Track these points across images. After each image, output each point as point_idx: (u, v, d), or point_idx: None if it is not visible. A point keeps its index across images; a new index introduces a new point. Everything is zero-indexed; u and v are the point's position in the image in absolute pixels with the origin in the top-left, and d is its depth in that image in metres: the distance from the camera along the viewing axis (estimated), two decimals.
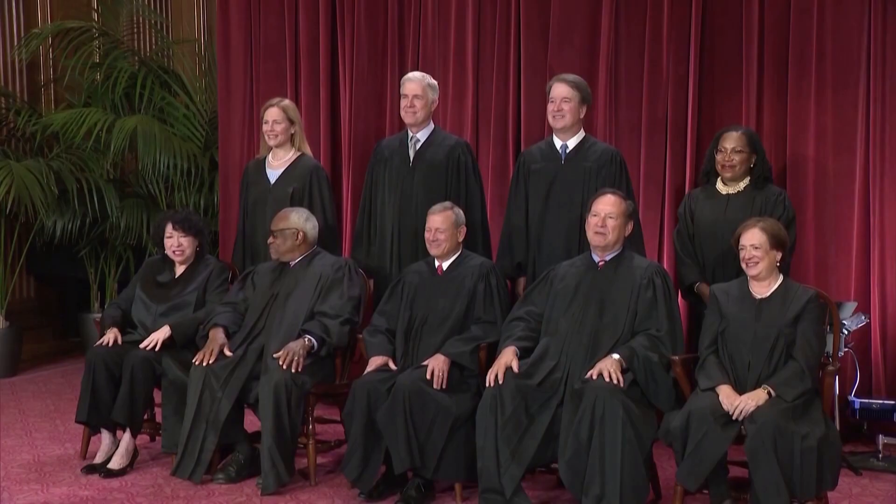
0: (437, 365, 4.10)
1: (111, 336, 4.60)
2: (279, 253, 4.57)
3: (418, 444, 3.99)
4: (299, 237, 4.57)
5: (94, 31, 7.17)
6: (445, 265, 4.42)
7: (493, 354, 4.13)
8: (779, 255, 3.91)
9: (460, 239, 4.43)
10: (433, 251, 4.39)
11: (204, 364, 4.32)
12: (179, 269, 4.80)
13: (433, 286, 4.39)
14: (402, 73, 5.31)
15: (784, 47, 5.01)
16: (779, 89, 5.04)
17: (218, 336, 4.42)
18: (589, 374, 3.85)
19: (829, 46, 4.91)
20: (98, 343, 4.62)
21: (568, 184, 4.56)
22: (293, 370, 4.19)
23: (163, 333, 4.53)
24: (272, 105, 4.99)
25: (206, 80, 7.13)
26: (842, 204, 4.92)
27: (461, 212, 4.45)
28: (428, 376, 4.07)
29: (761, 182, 4.52)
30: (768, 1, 5.03)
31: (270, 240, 4.57)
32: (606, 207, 4.09)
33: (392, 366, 4.27)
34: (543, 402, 3.92)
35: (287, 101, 5.06)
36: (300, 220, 4.59)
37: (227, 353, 4.37)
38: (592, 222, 4.11)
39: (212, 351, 4.35)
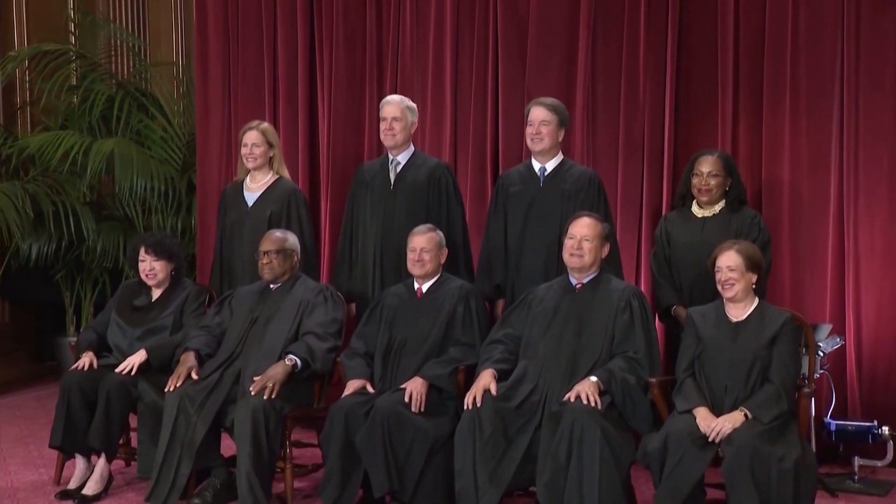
0: (415, 388, 4.11)
1: (86, 360, 4.57)
2: (274, 274, 4.54)
3: (397, 467, 3.98)
4: (295, 259, 4.58)
5: (72, 53, 7.16)
6: (425, 287, 4.43)
7: (471, 377, 4.14)
8: (754, 278, 3.94)
9: (442, 261, 4.46)
10: (416, 271, 4.41)
11: (171, 388, 4.29)
12: (156, 293, 4.79)
13: (412, 309, 4.40)
14: (381, 96, 5.35)
15: (759, 71, 5.07)
16: (754, 113, 5.09)
17: (188, 359, 4.39)
18: (567, 396, 3.86)
19: (803, 70, 4.96)
20: (73, 367, 4.59)
21: (546, 206, 4.60)
22: (267, 396, 4.15)
23: (139, 357, 4.51)
24: (251, 128, 5.00)
25: (184, 103, 7.13)
26: (816, 226, 4.97)
27: (443, 235, 4.48)
28: (406, 399, 4.07)
29: (736, 205, 4.56)
30: (743, 25, 5.09)
31: (266, 260, 4.52)
32: (582, 230, 4.12)
33: (370, 389, 4.27)
34: (522, 424, 3.92)
35: (266, 125, 5.08)
36: (296, 242, 4.60)
37: (195, 376, 4.33)
38: (568, 245, 4.14)
39: (179, 375, 4.32)
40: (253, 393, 4.14)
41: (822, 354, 4.44)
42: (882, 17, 4.83)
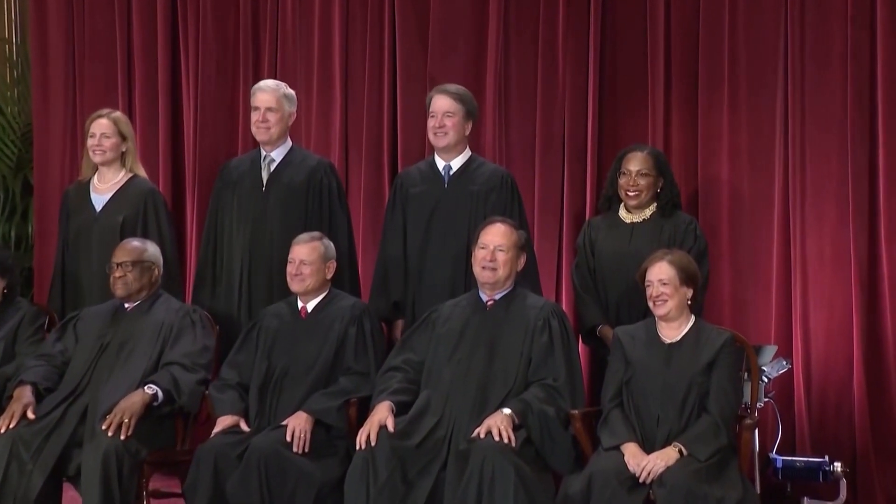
0: (297, 424, 4.09)
1: None
2: (129, 290, 4.49)
3: None
4: (155, 274, 4.54)
5: None
6: (310, 306, 4.42)
7: (364, 411, 4.14)
8: (690, 293, 4.02)
9: (328, 276, 4.45)
10: (295, 287, 4.40)
11: (2, 430, 4.19)
12: None
13: (296, 331, 4.39)
14: (257, 80, 5.29)
15: (693, 57, 5.17)
16: (688, 103, 5.19)
17: (23, 395, 4.31)
18: (476, 431, 3.89)
19: (743, 54, 5.08)
20: None
21: (452, 210, 4.63)
22: (122, 436, 4.08)
23: None
24: (100, 116, 4.97)
25: (18, 88, 6.98)
26: (760, 233, 5.08)
27: (332, 245, 4.48)
28: (288, 438, 4.06)
29: (669, 209, 4.63)
30: (675, 3, 5.18)
31: (119, 273, 4.48)
32: (496, 239, 4.16)
33: (244, 426, 4.24)
34: (424, 465, 3.94)
35: (118, 113, 5.06)
36: (157, 253, 4.57)
37: (31, 415, 4.25)
38: (480, 256, 4.18)
39: (12, 413, 4.24)
40: (109, 433, 4.07)
41: (766, 380, 4.54)
42: None
